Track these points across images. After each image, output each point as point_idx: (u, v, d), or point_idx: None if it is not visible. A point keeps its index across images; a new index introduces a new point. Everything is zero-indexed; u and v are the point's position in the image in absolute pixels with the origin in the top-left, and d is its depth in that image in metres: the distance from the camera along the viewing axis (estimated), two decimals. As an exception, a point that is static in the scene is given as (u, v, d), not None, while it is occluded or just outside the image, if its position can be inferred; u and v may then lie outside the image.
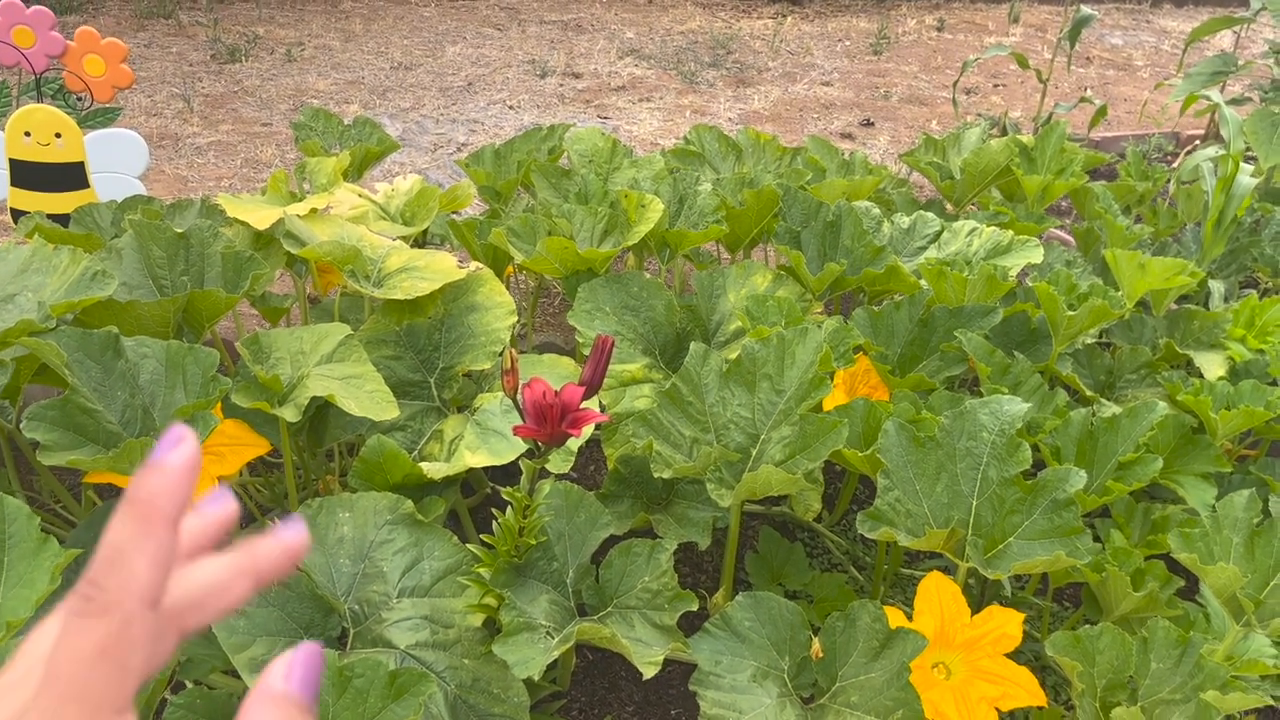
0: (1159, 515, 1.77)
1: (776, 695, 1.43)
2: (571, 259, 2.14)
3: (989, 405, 1.64)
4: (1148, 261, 2.19)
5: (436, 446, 1.82)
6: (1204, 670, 1.36)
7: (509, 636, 1.40)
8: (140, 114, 4.76)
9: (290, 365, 1.70)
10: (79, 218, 2.19)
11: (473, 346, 1.94)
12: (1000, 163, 2.77)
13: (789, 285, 2.18)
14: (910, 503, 1.60)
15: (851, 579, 2.02)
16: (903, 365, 2.07)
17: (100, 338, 1.49)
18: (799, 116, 5.33)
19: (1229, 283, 2.76)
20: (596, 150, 2.77)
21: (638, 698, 1.80)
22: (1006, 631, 1.50)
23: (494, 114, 5.11)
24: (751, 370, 1.73)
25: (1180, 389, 2.01)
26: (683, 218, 2.40)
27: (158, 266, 1.89)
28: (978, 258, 2.29)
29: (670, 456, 1.69)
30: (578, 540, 1.59)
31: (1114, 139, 4.67)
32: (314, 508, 1.56)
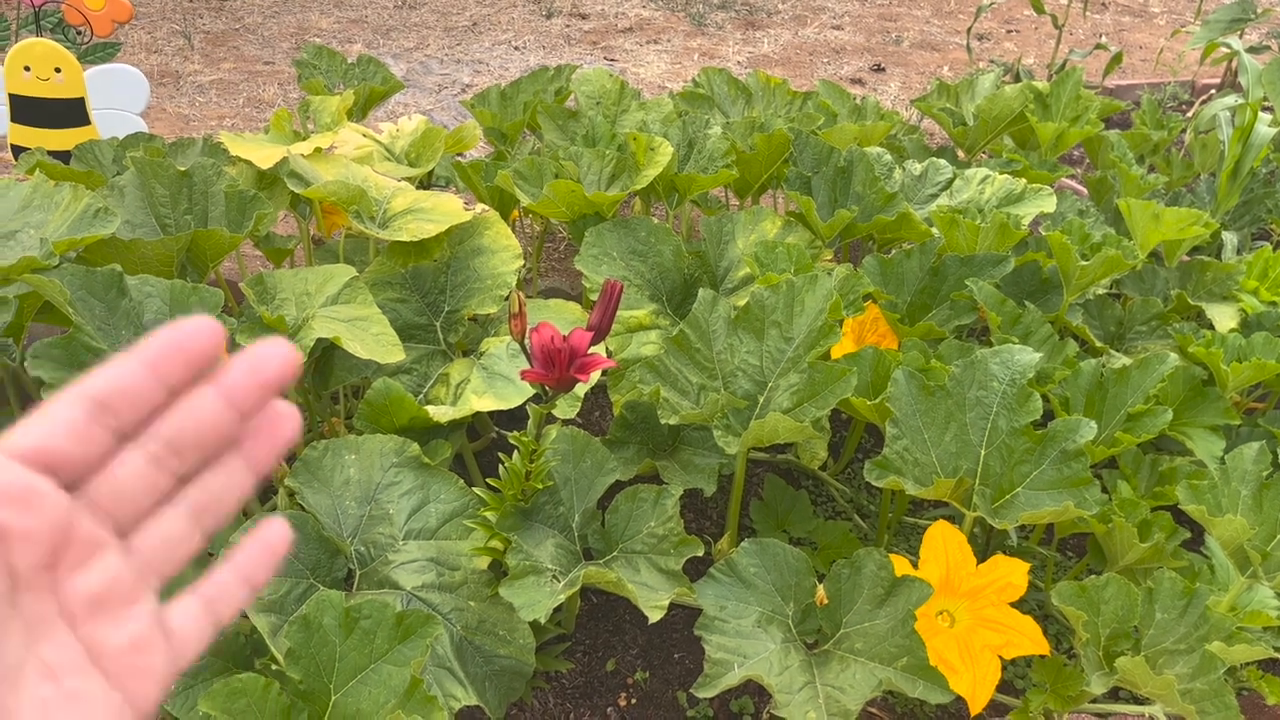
0: (1166, 467, 1.76)
1: (781, 640, 1.44)
2: (578, 202, 2.12)
3: (1000, 355, 1.63)
4: (1162, 212, 2.16)
5: (442, 390, 1.81)
6: (1209, 621, 1.37)
7: (515, 579, 1.41)
8: (140, 51, 4.69)
9: (295, 306, 1.69)
10: (80, 155, 2.16)
11: (479, 290, 1.92)
12: (1015, 109, 2.73)
13: (799, 232, 2.15)
14: (918, 452, 1.60)
15: (855, 527, 2.03)
16: (912, 314, 2.05)
17: (104, 275, 1.47)
18: (809, 61, 5.25)
19: (1242, 234, 2.73)
20: (604, 92, 2.72)
21: (641, 641, 1.81)
22: (1011, 581, 1.51)
23: (499, 55, 5.04)
24: (760, 317, 1.72)
25: (1191, 341, 2.00)
26: (692, 161, 2.37)
27: (160, 205, 1.87)
28: (990, 206, 2.27)
29: (677, 403, 1.68)
30: (584, 485, 1.59)
31: (1129, 87, 4.60)
32: (320, 449, 1.55)
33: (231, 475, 0.44)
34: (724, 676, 1.36)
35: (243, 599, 0.45)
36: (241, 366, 0.42)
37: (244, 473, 0.44)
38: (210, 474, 0.44)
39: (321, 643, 1.21)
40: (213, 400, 0.42)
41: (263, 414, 0.44)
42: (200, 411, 0.42)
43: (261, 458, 0.44)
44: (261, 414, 0.43)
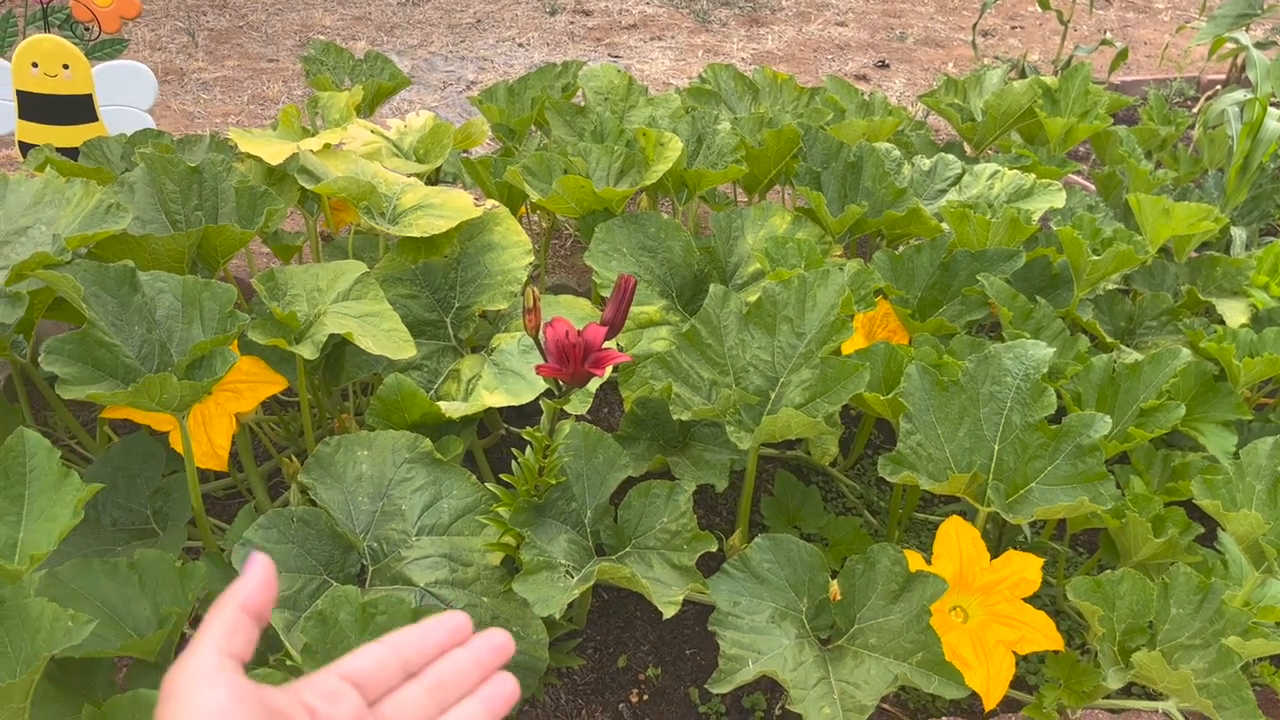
0: (1179, 462, 1.76)
1: (795, 636, 1.43)
2: (588, 198, 2.11)
3: (1013, 350, 1.62)
4: (1172, 206, 2.16)
5: (453, 386, 1.81)
6: (1225, 616, 1.36)
7: (529, 575, 1.40)
8: (145, 48, 4.69)
9: (306, 302, 1.68)
10: (88, 151, 2.16)
11: (489, 286, 1.92)
12: (1023, 105, 2.72)
13: (808, 227, 2.15)
14: (932, 447, 1.59)
15: (866, 523, 2.02)
16: (923, 309, 2.05)
17: (117, 271, 1.47)
18: (813, 57, 5.24)
19: (1251, 230, 2.72)
20: (612, 88, 2.72)
21: (653, 637, 1.81)
22: (1025, 576, 1.50)
23: (503, 51, 5.03)
24: (771, 313, 1.71)
25: (1202, 336, 1.99)
26: (701, 157, 2.36)
27: (170, 201, 1.86)
28: (999, 201, 2.26)
29: (689, 399, 1.68)
30: (596, 481, 1.59)
31: (1134, 83, 4.59)
32: (333, 445, 1.55)
33: (473, 712, 0.63)
34: (738, 672, 1.36)
35: None
36: (483, 640, 0.66)
37: (483, 713, 0.63)
38: (460, 708, 0.63)
39: (338, 638, 1.21)
40: (465, 656, 0.65)
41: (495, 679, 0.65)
42: (458, 661, 0.64)
43: (494, 703, 0.64)
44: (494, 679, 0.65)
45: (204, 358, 1.44)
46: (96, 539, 1.58)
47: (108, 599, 1.35)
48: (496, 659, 0.66)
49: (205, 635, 0.55)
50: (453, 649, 0.65)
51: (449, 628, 0.65)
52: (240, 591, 0.57)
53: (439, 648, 0.64)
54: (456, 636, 0.65)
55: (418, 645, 0.64)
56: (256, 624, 0.57)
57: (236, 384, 1.65)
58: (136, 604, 1.36)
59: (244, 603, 0.57)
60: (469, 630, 0.66)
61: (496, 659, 0.66)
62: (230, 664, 0.54)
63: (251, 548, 1.38)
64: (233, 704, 0.52)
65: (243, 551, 1.38)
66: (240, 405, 1.63)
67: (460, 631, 0.65)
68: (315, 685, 0.58)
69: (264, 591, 0.58)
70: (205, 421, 1.61)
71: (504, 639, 0.67)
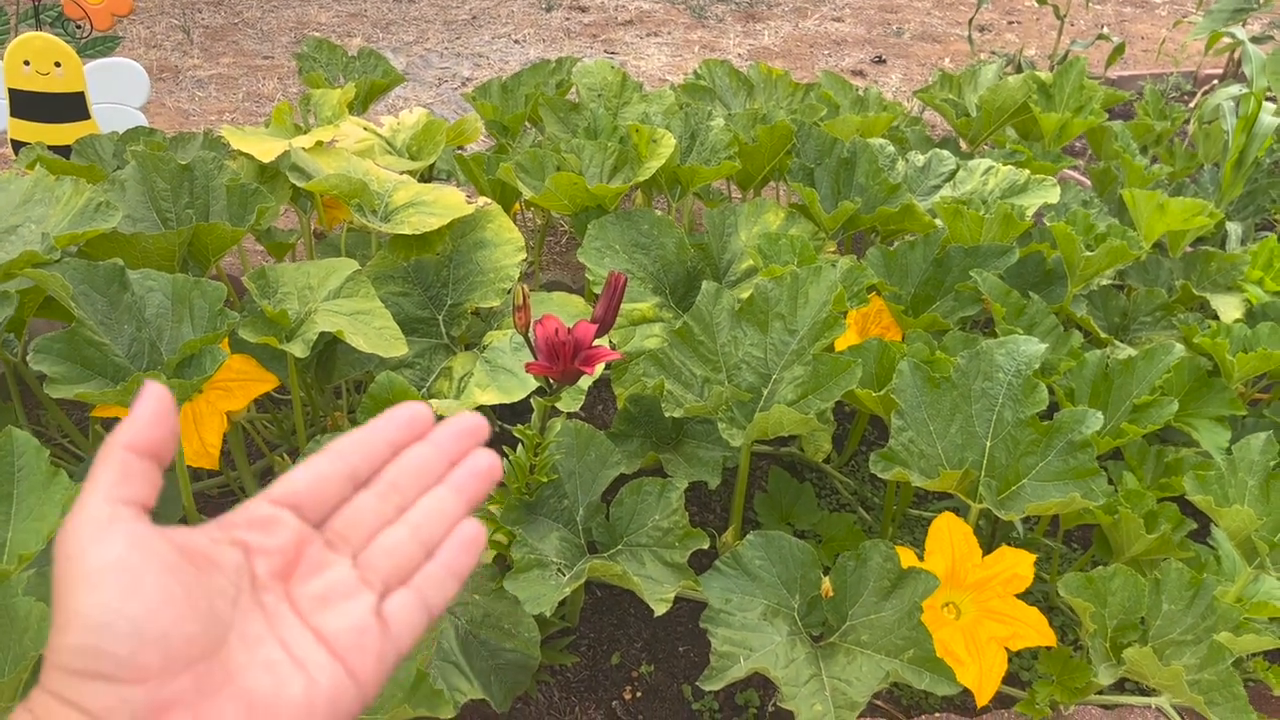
0: (1172, 458, 1.76)
1: (787, 633, 1.43)
2: (581, 195, 2.11)
3: (1005, 346, 1.62)
4: (1166, 202, 2.16)
5: (445, 384, 1.81)
6: (1216, 612, 1.36)
7: (520, 573, 1.40)
8: (139, 46, 4.68)
9: (298, 300, 1.68)
10: (80, 149, 2.16)
11: (481, 284, 1.92)
12: (1018, 99, 2.72)
13: (802, 224, 2.15)
14: (924, 443, 1.59)
15: (860, 520, 2.02)
16: (916, 305, 2.04)
17: (106, 270, 1.46)
18: (810, 53, 5.24)
19: (1246, 225, 2.72)
20: (606, 84, 2.71)
21: (646, 635, 1.81)
22: (1017, 572, 1.50)
23: (499, 48, 5.02)
24: (764, 309, 1.71)
25: (1196, 331, 1.99)
26: (694, 154, 2.36)
27: (161, 199, 1.86)
28: (993, 197, 2.26)
29: (681, 396, 1.67)
30: (588, 478, 1.59)
31: (1131, 78, 4.58)
32: (323, 442, 1.55)
33: (443, 500, 0.55)
34: (730, 669, 1.36)
35: (451, 589, 0.54)
36: (446, 426, 0.56)
37: (454, 498, 0.55)
38: (425, 499, 0.55)
39: (327, 637, 1.21)
40: (424, 449, 0.55)
41: (467, 459, 0.56)
42: (415, 457, 0.55)
43: (466, 485, 0.55)
44: (466, 459, 0.56)
45: (194, 356, 1.44)
46: (88, 538, 1.58)
47: (98, 598, 1.35)
48: (463, 443, 0.56)
49: (90, 487, 0.46)
50: (410, 446, 0.56)
51: (400, 422, 0.55)
52: (124, 431, 0.47)
53: (391, 448, 0.55)
54: (413, 430, 0.55)
55: (365, 449, 0.54)
56: (155, 464, 0.48)
57: (228, 382, 1.65)
58: (127, 603, 1.36)
59: (132, 441, 0.47)
60: (429, 422, 0.56)
61: (463, 443, 0.56)
62: (127, 511, 0.46)
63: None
64: (133, 553, 0.44)
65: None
66: (231, 403, 1.63)
67: (417, 424, 0.55)
68: (245, 514, 0.50)
69: (155, 427, 0.48)
70: (196, 420, 1.61)
71: (473, 420, 0.56)
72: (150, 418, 0.48)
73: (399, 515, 0.54)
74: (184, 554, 0.46)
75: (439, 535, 0.54)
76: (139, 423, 0.48)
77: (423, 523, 0.54)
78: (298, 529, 0.51)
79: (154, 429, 0.48)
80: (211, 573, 0.47)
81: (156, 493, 0.48)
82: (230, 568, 0.48)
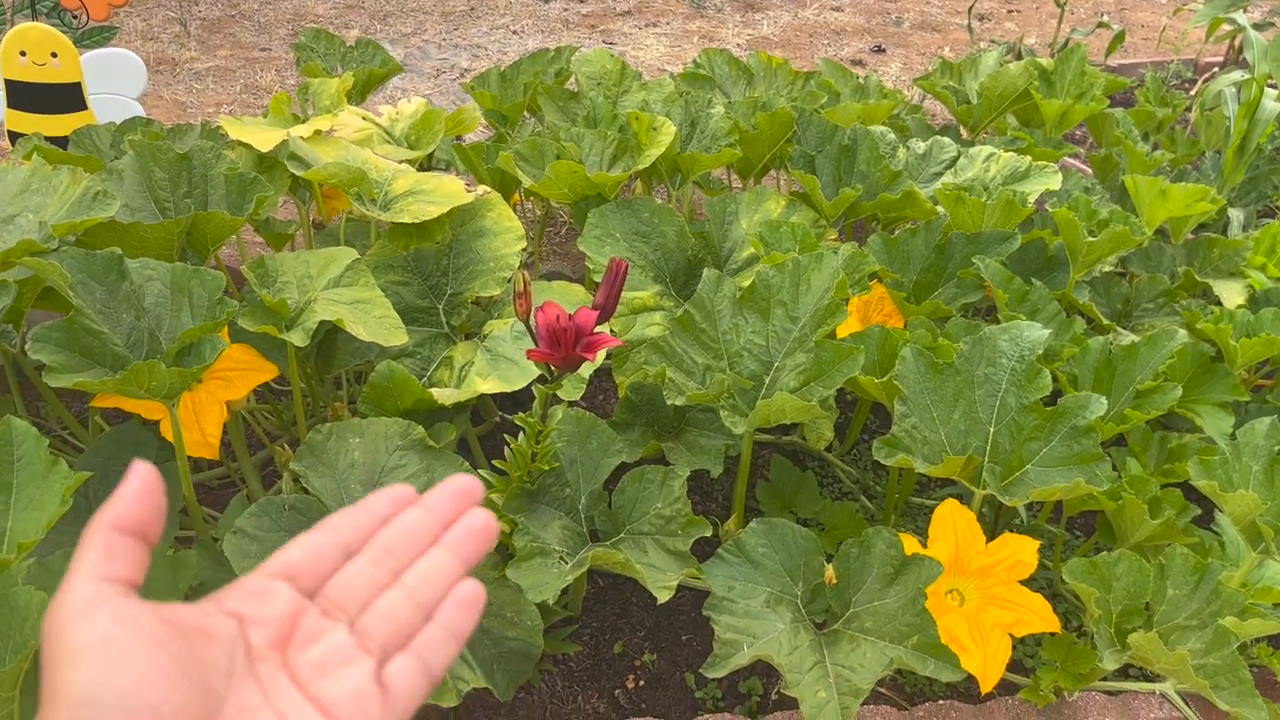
0: (1176, 444, 1.75)
1: (790, 620, 1.43)
2: (580, 183, 2.10)
3: (1008, 331, 1.62)
4: (1168, 188, 2.15)
5: (446, 373, 1.80)
6: (1221, 597, 1.36)
7: (523, 561, 1.40)
8: (136, 38, 4.66)
9: (297, 289, 1.67)
10: (78, 140, 2.15)
11: (481, 272, 1.91)
12: (1019, 86, 2.71)
13: (803, 211, 2.14)
14: (927, 430, 1.59)
15: (863, 508, 2.02)
16: (918, 292, 2.04)
17: (104, 258, 1.46)
18: (809, 42, 5.22)
19: (1248, 211, 2.71)
20: (605, 73, 2.70)
21: (649, 623, 1.81)
22: (1021, 558, 1.50)
23: (497, 39, 5.01)
24: (766, 297, 1.70)
25: (1199, 317, 1.98)
26: (694, 141, 2.35)
27: (159, 188, 1.85)
28: (995, 184, 2.25)
29: (683, 384, 1.67)
30: (590, 467, 1.58)
31: (1131, 66, 4.57)
32: (324, 433, 1.54)
33: (438, 562, 0.55)
34: (733, 657, 1.36)
35: (452, 651, 0.54)
36: (439, 490, 0.56)
37: (450, 559, 0.55)
38: (420, 562, 0.55)
39: (329, 625, 1.20)
40: (417, 513, 0.56)
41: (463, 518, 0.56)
42: (408, 521, 0.55)
43: (463, 545, 0.55)
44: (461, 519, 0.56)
45: (193, 345, 1.43)
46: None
47: (98, 588, 1.34)
48: (458, 504, 0.56)
49: (76, 566, 0.47)
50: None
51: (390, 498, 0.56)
52: (111, 509, 0.48)
53: (382, 520, 0.56)
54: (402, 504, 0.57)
55: (357, 521, 0.55)
56: (141, 542, 0.48)
57: (227, 372, 1.64)
58: (128, 593, 1.35)
59: (116, 520, 0.48)
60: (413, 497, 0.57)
61: (458, 504, 0.56)
62: (112, 589, 0.46)
63: (242, 536, 1.37)
64: (119, 628, 0.44)
65: (234, 540, 1.37)
66: (231, 393, 1.62)
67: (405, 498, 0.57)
68: (238, 588, 0.51)
69: (141, 504, 0.48)
70: (196, 410, 1.60)
71: (466, 481, 0.57)
72: (135, 496, 0.48)
73: (394, 579, 0.54)
74: (173, 627, 0.46)
75: (437, 597, 0.54)
76: (124, 501, 0.48)
77: (419, 585, 0.54)
78: (292, 598, 0.52)
79: (139, 507, 0.48)
80: (204, 644, 0.47)
81: (143, 570, 0.48)
82: (224, 639, 0.48)
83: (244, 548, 1.37)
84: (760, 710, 1.66)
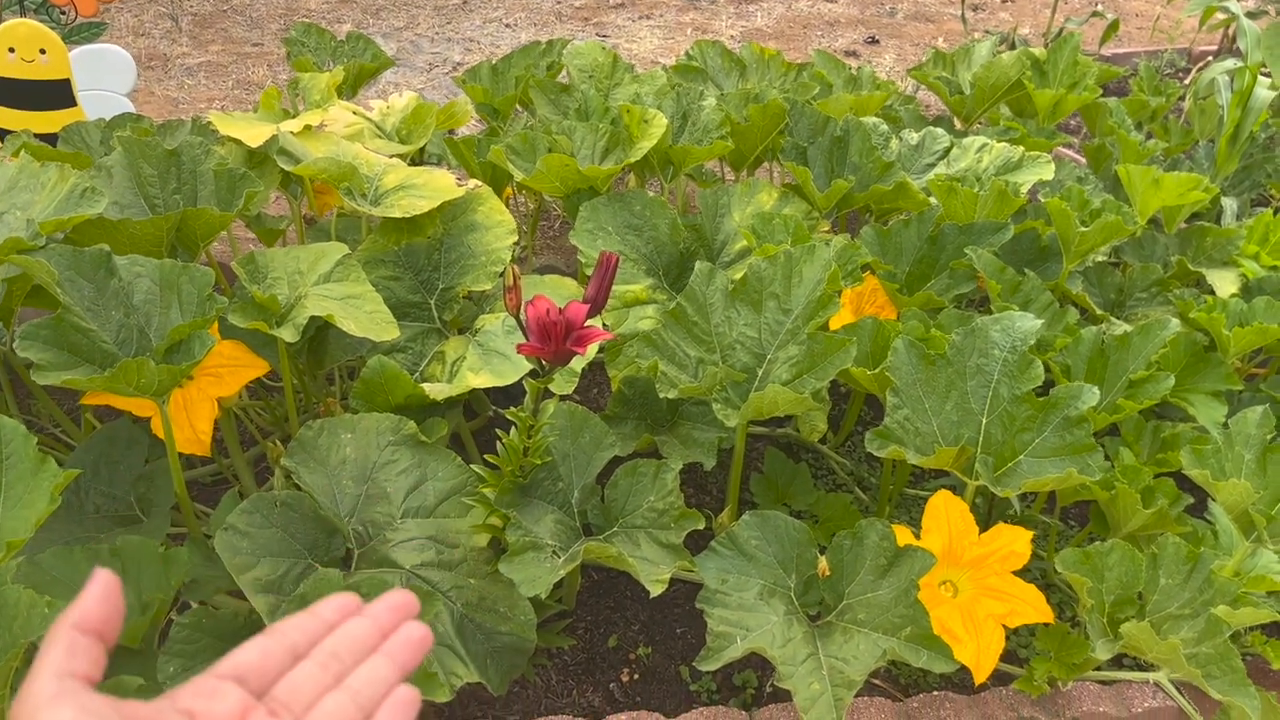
0: (1168, 433, 1.75)
1: (783, 613, 1.43)
2: (572, 177, 2.09)
3: (1000, 322, 1.61)
4: (1161, 177, 2.14)
5: (438, 368, 1.80)
6: (1214, 586, 1.36)
7: (515, 556, 1.39)
8: (127, 34, 4.64)
9: (287, 285, 1.67)
10: (67, 136, 2.14)
11: (473, 267, 1.90)
12: (1011, 76, 2.70)
13: (795, 203, 2.13)
14: (919, 421, 1.58)
15: (856, 499, 2.02)
16: (911, 284, 2.03)
17: (92, 255, 1.45)
18: (803, 34, 5.21)
19: (1241, 200, 2.71)
20: (597, 65, 2.69)
21: (643, 617, 1.81)
22: (1014, 549, 1.50)
23: (490, 32, 4.99)
24: (758, 289, 1.70)
25: (1192, 306, 1.98)
26: (686, 134, 2.34)
27: (149, 185, 1.84)
28: (988, 174, 2.24)
29: (675, 377, 1.66)
30: (582, 461, 1.58)
31: (1125, 55, 4.56)
32: (316, 428, 1.54)
33: (378, 668, 0.60)
34: (726, 650, 1.36)
35: None
36: (380, 602, 0.62)
37: (389, 667, 0.60)
38: (362, 668, 0.60)
39: (320, 622, 1.20)
40: (361, 623, 0.61)
41: (401, 630, 0.62)
42: (352, 630, 0.61)
43: (400, 654, 0.61)
44: (400, 630, 0.62)
45: (182, 341, 1.43)
46: (80, 526, 1.57)
47: (90, 586, 1.34)
48: (396, 617, 0.62)
49: (40, 663, 0.51)
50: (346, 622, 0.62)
51: (336, 606, 0.62)
52: (73, 612, 0.53)
53: (328, 626, 0.61)
54: (346, 614, 0.62)
55: (304, 628, 0.60)
56: (99, 642, 0.53)
57: (218, 368, 1.63)
58: (119, 591, 1.35)
59: (79, 622, 0.53)
60: (358, 605, 0.63)
61: (396, 617, 0.62)
62: (74, 684, 0.51)
63: (233, 533, 1.37)
64: (80, 718, 0.49)
65: (225, 537, 1.36)
66: (222, 390, 1.62)
67: (349, 608, 0.62)
68: (191, 688, 0.55)
69: (101, 607, 0.54)
70: (187, 407, 1.60)
71: (402, 597, 0.63)
72: (96, 599, 0.54)
73: (338, 683, 0.59)
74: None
75: (376, 699, 0.59)
76: (86, 604, 0.53)
77: (361, 688, 0.59)
78: (242, 698, 0.55)
79: (99, 609, 0.53)
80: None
81: (102, 667, 0.53)
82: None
83: (235, 544, 1.37)
84: (755, 702, 1.66)
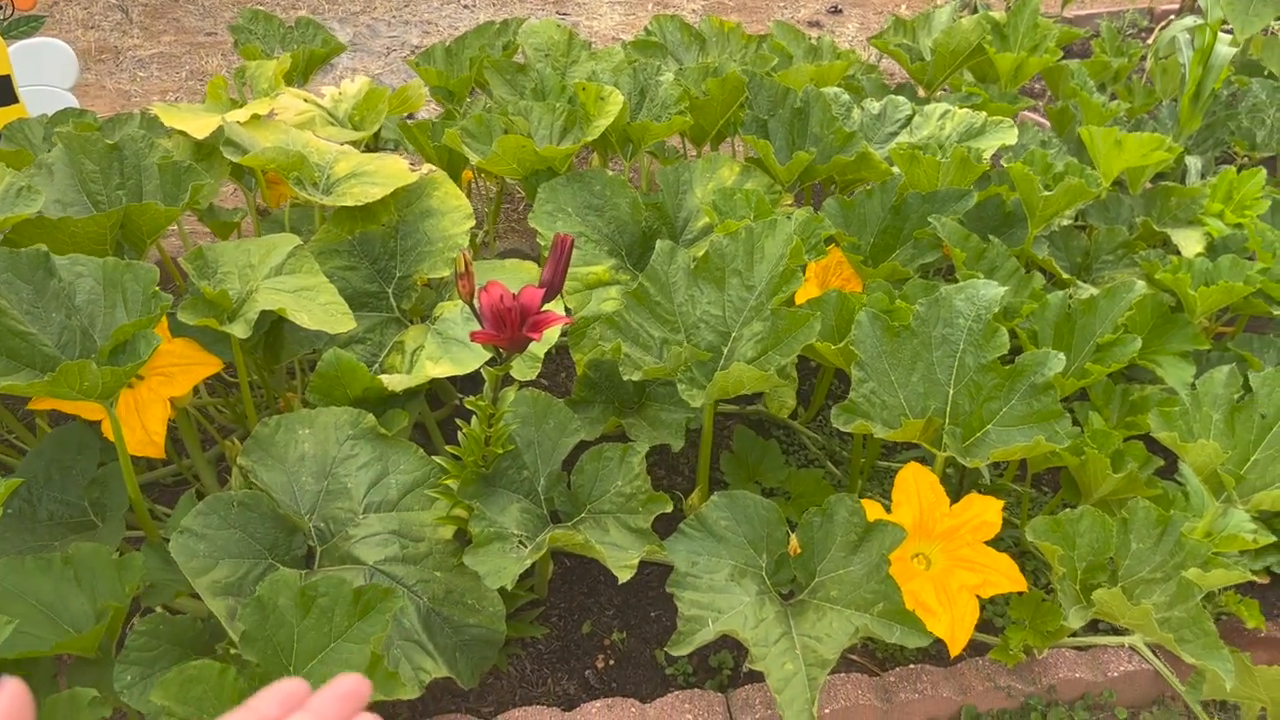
0: (1137, 396, 1.74)
1: (755, 593, 1.41)
2: (530, 158, 2.05)
3: (964, 291, 1.59)
4: (1124, 137, 2.13)
5: (398, 358, 1.76)
6: (1185, 548, 1.35)
7: (479, 547, 1.37)
8: (76, 26, 4.54)
9: (239, 279, 1.63)
10: (9, 134, 2.08)
11: (430, 254, 1.86)
12: (972, 41, 2.68)
13: (757, 177, 2.10)
14: (886, 394, 1.56)
15: (829, 474, 2.00)
16: (876, 255, 2.01)
17: (29, 256, 1.40)
18: (765, 6, 5.16)
19: (1205, 158, 2.70)
20: (553, 44, 2.64)
21: (617, 601, 1.79)
22: (986, 519, 1.48)
23: (448, 14, 4.91)
24: (720, 266, 1.67)
25: (1158, 267, 1.97)
26: (644, 110, 2.30)
27: (91, 181, 1.79)
28: (951, 141, 2.22)
29: (640, 358, 1.64)
30: (547, 447, 1.55)
31: (1088, 17, 4.55)
32: (272, 425, 1.50)
33: None
34: (698, 633, 1.34)
35: None
36: (326, 692, 0.58)
37: None
38: None
39: (278, 624, 1.17)
40: (304, 717, 0.57)
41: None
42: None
43: None
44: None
45: (127, 342, 1.38)
46: (33, 534, 1.53)
47: (43, 596, 1.31)
48: (344, 709, 0.58)
49: None
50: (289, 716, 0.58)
51: (279, 699, 0.57)
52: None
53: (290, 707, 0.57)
54: (291, 704, 0.57)
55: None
56: None
57: (169, 367, 1.59)
58: (73, 599, 1.31)
59: None
60: (305, 693, 0.58)
61: (344, 709, 0.58)
62: None
63: (189, 536, 1.33)
64: None
65: (181, 540, 1.33)
66: (174, 389, 1.58)
67: (293, 698, 0.58)
68: None
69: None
70: (139, 408, 1.56)
71: (352, 683, 0.59)
72: (3, 713, 0.51)
73: None
74: None
75: None
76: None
77: None
78: None
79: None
80: None
81: None
82: None
83: (192, 547, 1.33)
84: (731, 684, 1.64)
